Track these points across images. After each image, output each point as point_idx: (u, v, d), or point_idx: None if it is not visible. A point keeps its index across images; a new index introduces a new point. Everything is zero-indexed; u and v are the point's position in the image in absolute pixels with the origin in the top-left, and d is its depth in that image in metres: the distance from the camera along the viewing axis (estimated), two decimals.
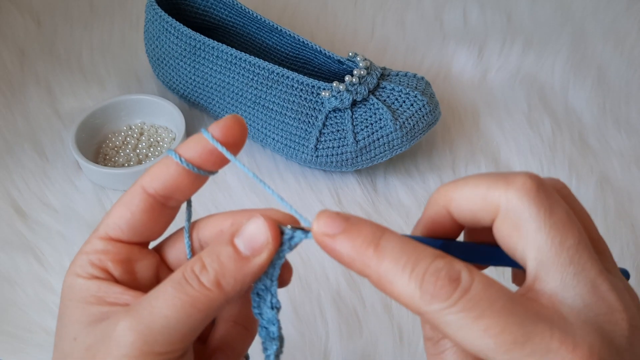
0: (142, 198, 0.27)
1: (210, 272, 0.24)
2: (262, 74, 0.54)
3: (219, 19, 0.62)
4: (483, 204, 0.24)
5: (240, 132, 0.27)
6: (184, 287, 0.24)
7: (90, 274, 0.27)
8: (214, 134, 0.26)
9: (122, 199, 0.28)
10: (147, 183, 0.27)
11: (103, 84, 0.63)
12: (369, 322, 0.46)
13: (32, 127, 0.59)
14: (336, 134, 0.52)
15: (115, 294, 0.26)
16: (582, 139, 0.59)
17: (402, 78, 0.54)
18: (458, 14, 0.71)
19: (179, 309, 0.24)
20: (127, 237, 0.27)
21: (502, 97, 0.62)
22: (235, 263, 0.24)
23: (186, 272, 0.24)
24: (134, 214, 0.27)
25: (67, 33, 0.68)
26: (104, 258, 0.27)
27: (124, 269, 0.27)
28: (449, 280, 0.22)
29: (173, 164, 0.26)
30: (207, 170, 0.27)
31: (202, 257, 0.25)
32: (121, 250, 0.27)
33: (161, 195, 0.27)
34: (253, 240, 0.25)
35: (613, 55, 0.66)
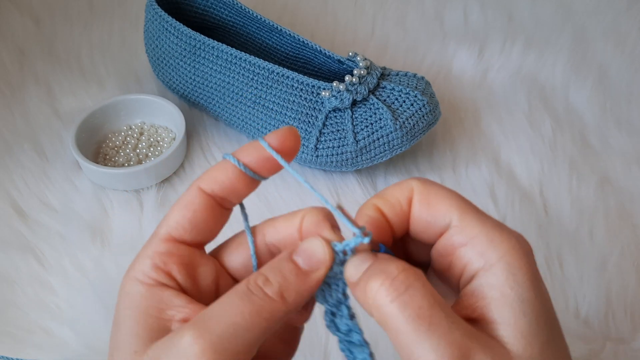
0: (203, 198, 0.28)
1: (275, 284, 0.26)
2: (262, 73, 0.54)
3: (219, 19, 0.62)
4: None
5: (294, 142, 0.28)
6: (250, 297, 0.25)
7: (153, 279, 0.27)
8: (271, 142, 0.28)
9: (179, 202, 0.28)
10: (205, 185, 0.28)
11: (103, 84, 0.63)
12: (369, 322, 0.46)
13: (32, 127, 0.59)
14: (336, 133, 0.52)
15: (177, 307, 0.26)
16: (583, 138, 0.59)
17: (402, 78, 0.54)
18: (458, 14, 0.71)
19: (247, 317, 0.24)
20: (190, 236, 0.28)
21: (503, 97, 0.62)
22: (297, 277, 0.26)
23: (250, 285, 0.25)
24: (196, 212, 0.28)
25: (67, 33, 0.68)
26: (169, 260, 0.27)
27: (187, 273, 0.28)
28: None
29: (231, 168, 0.28)
30: (260, 176, 0.29)
31: (264, 272, 0.26)
32: (185, 253, 0.28)
33: (219, 196, 0.28)
34: (312, 257, 0.26)
35: (614, 54, 0.66)
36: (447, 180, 0.55)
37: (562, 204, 0.53)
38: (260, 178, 0.29)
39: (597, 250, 0.49)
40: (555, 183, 0.55)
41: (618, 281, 0.47)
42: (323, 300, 0.28)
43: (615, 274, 0.48)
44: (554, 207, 0.53)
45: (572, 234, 0.51)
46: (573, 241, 0.50)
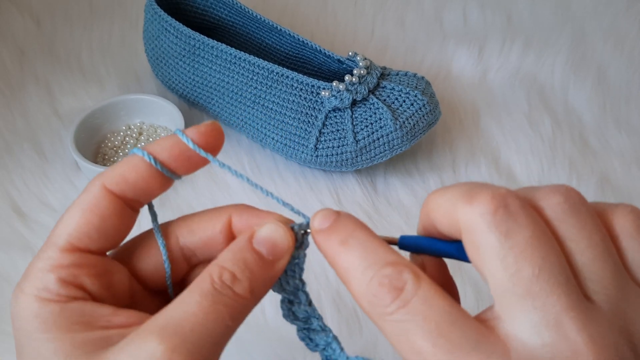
0: (111, 200, 0.25)
1: (244, 280, 0.24)
2: (262, 73, 0.54)
3: (219, 19, 0.62)
4: (449, 220, 0.23)
5: (217, 137, 0.26)
6: (219, 298, 0.23)
7: (63, 296, 0.23)
8: (191, 137, 0.25)
9: (79, 204, 0.25)
10: (113, 185, 0.25)
11: (102, 84, 0.63)
12: (369, 322, 0.46)
13: (32, 126, 0.59)
14: (336, 133, 0.52)
15: (106, 317, 0.24)
16: (583, 139, 0.59)
17: (402, 78, 0.54)
18: (458, 14, 0.71)
19: (220, 321, 0.23)
20: (97, 245, 0.25)
21: (502, 97, 0.62)
22: (263, 268, 0.25)
23: (216, 284, 0.23)
24: (104, 218, 0.25)
25: (67, 33, 0.68)
26: (79, 273, 0.24)
27: (102, 284, 0.25)
28: (390, 288, 0.22)
29: (143, 165, 0.25)
30: (176, 174, 0.26)
31: (226, 266, 0.24)
32: (96, 263, 0.25)
33: (129, 198, 0.25)
34: (276, 245, 0.25)
35: (613, 55, 0.66)
36: (446, 180, 0.55)
37: None
38: (175, 177, 0.26)
39: None
40: (554, 183, 0.54)
41: None
42: (279, 289, 0.26)
43: None
44: None
45: None
46: None
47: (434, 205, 0.24)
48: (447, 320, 0.21)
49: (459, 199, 0.22)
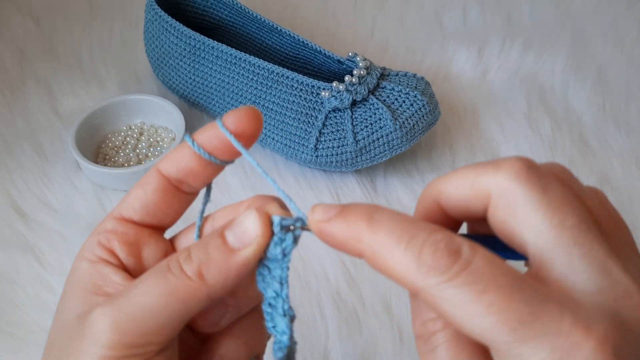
0: (157, 179, 0.27)
1: (194, 261, 0.23)
2: (262, 73, 0.54)
3: (219, 19, 0.62)
4: (473, 192, 0.22)
5: (254, 124, 0.26)
6: (165, 275, 0.23)
7: (96, 256, 0.26)
8: (227, 123, 0.25)
9: (139, 180, 0.27)
10: (162, 165, 0.27)
11: (103, 84, 0.63)
12: (368, 322, 0.46)
13: (32, 127, 0.59)
14: (336, 134, 0.52)
15: (115, 284, 0.25)
16: (582, 139, 0.59)
17: (402, 78, 0.54)
18: (458, 14, 0.71)
19: (156, 297, 0.23)
20: (140, 217, 0.27)
21: (502, 97, 0.62)
22: (221, 254, 0.23)
23: (171, 261, 0.24)
24: (147, 193, 0.27)
25: (67, 33, 0.68)
26: (112, 237, 0.26)
27: (130, 251, 0.26)
28: (448, 252, 0.20)
29: (187, 148, 0.26)
30: (221, 159, 0.26)
31: (190, 248, 0.24)
32: (130, 231, 0.27)
33: (174, 178, 0.27)
34: (243, 233, 0.24)
35: (613, 55, 0.66)
36: None
37: None
38: (222, 162, 0.27)
39: None
40: None
41: None
42: (262, 287, 0.25)
43: None
44: None
45: None
46: None
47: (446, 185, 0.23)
48: (514, 276, 0.20)
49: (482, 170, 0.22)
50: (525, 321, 0.19)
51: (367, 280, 0.48)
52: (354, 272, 0.48)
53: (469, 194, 0.23)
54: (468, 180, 0.23)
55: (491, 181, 0.22)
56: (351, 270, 0.48)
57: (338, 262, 0.49)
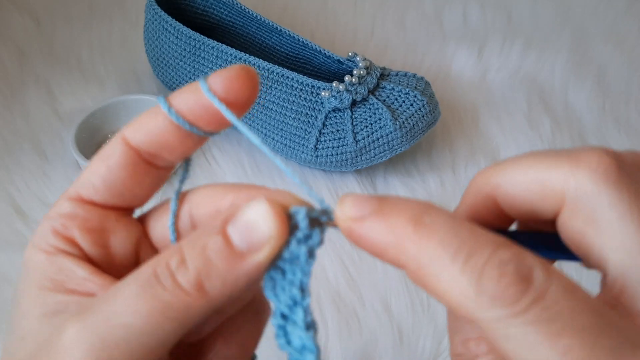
0: (123, 151, 0.21)
1: (191, 270, 0.18)
2: (262, 73, 0.54)
3: (219, 19, 0.62)
4: (542, 190, 0.18)
5: (248, 87, 0.20)
6: (154, 289, 0.18)
7: (52, 246, 0.21)
8: (214, 87, 0.20)
9: (101, 151, 0.22)
10: (130, 133, 0.21)
11: (102, 84, 0.63)
12: (368, 323, 0.46)
13: (32, 127, 0.59)
14: (336, 134, 0.52)
15: (78, 279, 0.20)
16: (582, 139, 0.58)
17: (402, 78, 0.54)
18: (458, 14, 0.71)
19: (145, 317, 0.18)
20: (103, 198, 0.22)
21: (502, 97, 0.62)
22: (226, 260, 0.18)
23: (159, 267, 0.18)
24: (112, 168, 0.21)
25: (67, 33, 0.68)
26: (70, 224, 0.21)
27: (95, 240, 0.21)
28: (517, 278, 0.16)
29: (161, 114, 0.21)
30: (204, 130, 0.21)
31: (182, 248, 0.19)
32: (93, 215, 0.21)
33: (146, 150, 0.21)
34: (252, 231, 0.18)
35: (613, 55, 0.66)
36: (446, 180, 0.55)
37: None
38: (205, 133, 0.21)
39: None
40: None
41: None
42: (272, 294, 0.19)
43: None
44: None
45: None
46: None
47: (506, 177, 0.19)
48: (598, 313, 0.16)
49: (555, 163, 0.18)
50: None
51: (367, 280, 0.48)
52: (353, 272, 0.48)
53: (537, 192, 0.18)
54: (536, 175, 0.18)
55: (569, 180, 0.18)
56: (351, 269, 0.48)
57: (338, 262, 0.49)
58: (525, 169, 0.19)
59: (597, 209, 0.17)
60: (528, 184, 0.18)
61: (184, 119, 0.21)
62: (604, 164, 0.17)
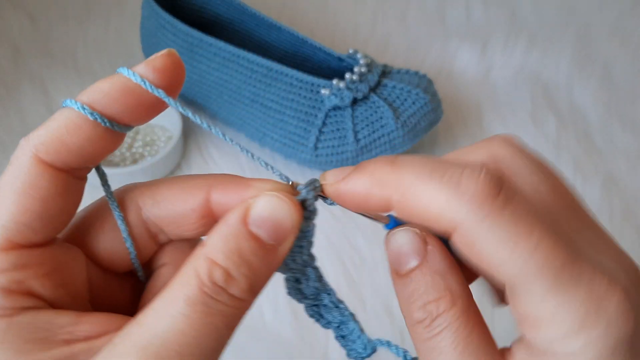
0: (52, 177, 0.19)
1: (241, 279, 0.19)
2: (261, 71, 0.53)
3: (217, 16, 0.61)
4: (435, 217, 0.19)
5: (176, 72, 0.20)
6: (214, 306, 0.18)
7: (8, 308, 0.18)
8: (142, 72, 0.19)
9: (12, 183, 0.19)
10: (50, 154, 0.19)
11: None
12: (370, 325, 0.45)
13: (27, 125, 0.58)
14: (336, 132, 0.51)
15: (66, 328, 0.19)
16: (587, 137, 0.58)
17: (404, 75, 0.53)
18: (461, 10, 0.70)
19: (214, 336, 0.18)
20: (42, 236, 0.20)
21: (506, 95, 0.61)
22: (264, 259, 0.19)
23: (206, 287, 0.18)
24: (47, 202, 0.19)
25: (62, 30, 0.67)
26: (23, 277, 0.19)
27: (55, 283, 0.20)
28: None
29: (87, 124, 0.19)
30: (126, 125, 0.20)
31: (217, 261, 0.19)
32: (43, 258, 0.20)
33: (74, 168, 0.20)
34: (278, 226, 0.19)
35: (618, 52, 0.66)
36: None
37: None
38: (124, 129, 0.20)
39: None
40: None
41: None
42: (285, 269, 0.22)
43: None
44: None
45: None
46: None
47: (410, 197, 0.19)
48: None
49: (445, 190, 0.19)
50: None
51: (368, 282, 0.47)
52: (354, 273, 0.47)
53: (430, 217, 0.19)
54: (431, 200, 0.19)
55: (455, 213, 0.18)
56: (352, 271, 0.47)
57: (338, 263, 0.48)
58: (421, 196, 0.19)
59: (479, 238, 0.18)
60: (424, 210, 0.19)
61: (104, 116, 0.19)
62: (482, 193, 0.18)
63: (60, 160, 0.19)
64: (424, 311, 0.20)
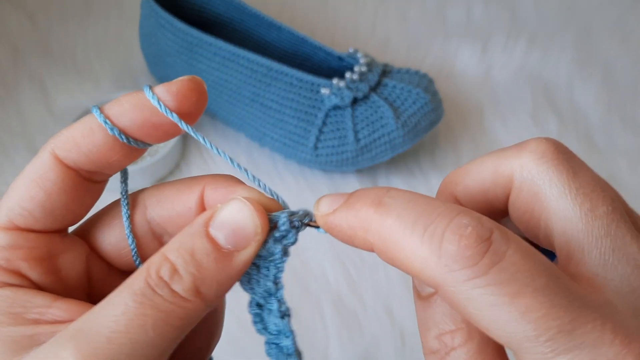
0: (60, 172, 0.20)
1: (186, 277, 0.19)
2: (260, 70, 0.52)
3: (217, 15, 0.61)
4: (493, 178, 0.20)
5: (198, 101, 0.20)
6: (153, 300, 0.18)
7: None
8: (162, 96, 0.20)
9: (29, 171, 0.20)
10: (64, 152, 0.20)
11: (98, 81, 0.62)
12: (370, 325, 0.45)
13: (26, 125, 0.58)
14: (336, 132, 0.51)
15: (38, 308, 0.20)
16: (588, 137, 0.58)
17: (404, 75, 0.53)
18: (461, 9, 0.70)
19: (149, 330, 0.18)
20: (42, 225, 0.21)
21: (507, 95, 0.61)
22: (217, 262, 0.19)
23: (151, 279, 0.18)
24: (51, 194, 0.20)
25: (62, 29, 0.67)
26: (13, 256, 0.20)
27: (45, 268, 0.21)
28: (476, 240, 0.16)
29: (100, 131, 0.20)
30: (143, 142, 0.21)
31: (169, 257, 0.19)
32: (38, 244, 0.21)
33: (85, 170, 0.21)
34: (237, 230, 0.19)
35: (619, 52, 0.65)
36: None
37: None
38: (141, 145, 0.21)
39: None
40: None
41: None
42: (247, 287, 0.21)
43: None
44: None
45: None
46: None
47: (464, 176, 0.21)
48: (552, 274, 0.17)
49: (503, 154, 0.20)
50: (565, 331, 0.16)
51: (369, 283, 0.47)
52: (354, 274, 0.47)
53: (489, 181, 0.20)
54: (488, 167, 0.20)
55: (514, 164, 0.19)
56: (352, 271, 0.47)
57: (338, 264, 0.48)
58: (480, 165, 0.20)
59: (539, 185, 0.19)
60: (482, 176, 0.20)
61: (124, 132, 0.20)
62: (544, 147, 0.19)
63: (71, 159, 0.20)
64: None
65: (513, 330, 0.16)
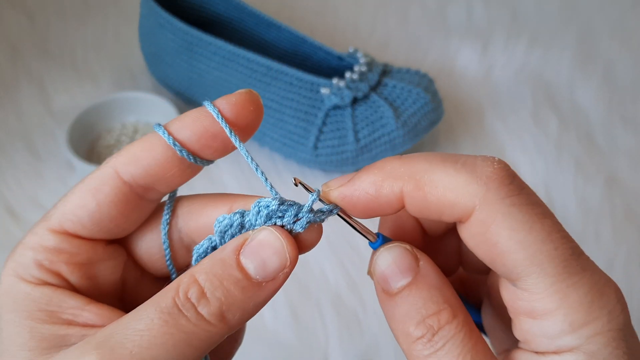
0: (115, 186, 0.21)
1: (213, 302, 0.19)
2: (260, 70, 0.52)
3: (216, 14, 0.61)
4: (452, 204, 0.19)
5: (255, 112, 0.21)
6: (178, 320, 0.18)
7: (36, 278, 0.21)
8: (223, 109, 0.20)
9: (88, 181, 0.21)
10: (122, 166, 0.21)
11: (97, 81, 0.62)
12: (370, 326, 0.45)
13: (25, 125, 0.58)
14: (336, 132, 0.51)
15: (73, 309, 0.20)
16: (589, 137, 0.57)
17: (405, 75, 0.53)
18: (462, 9, 0.70)
19: (170, 349, 0.18)
20: (89, 233, 0.21)
21: (507, 94, 0.61)
22: (244, 291, 0.19)
23: (178, 299, 0.19)
24: (102, 205, 0.21)
25: (61, 29, 0.67)
26: (57, 259, 0.21)
27: (83, 273, 0.21)
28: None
29: (160, 146, 0.20)
30: (203, 159, 0.21)
31: (198, 279, 0.19)
32: (80, 250, 0.21)
33: (140, 185, 0.21)
34: (268, 262, 0.19)
35: (620, 52, 0.65)
36: None
37: (568, 204, 0.52)
38: (202, 162, 0.21)
39: (603, 252, 0.49)
40: (560, 183, 0.54)
41: (624, 283, 0.46)
42: None
43: (621, 276, 0.47)
44: (559, 207, 0.52)
45: (577, 235, 0.49)
46: (579, 242, 0.48)
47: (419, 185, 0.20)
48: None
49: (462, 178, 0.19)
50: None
51: (368, 282, 0.47)
52: (354, 274, 0.47)
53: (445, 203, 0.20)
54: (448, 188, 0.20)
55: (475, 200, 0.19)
56: (352, 272, 0.47)
57: (338, 264, 0.48)
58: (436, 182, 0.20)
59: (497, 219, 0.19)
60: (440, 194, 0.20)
61: (187, 149, 0.20)
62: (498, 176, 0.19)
63: (129, 172, 0.21)
64: (423, 326, 0.20)
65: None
